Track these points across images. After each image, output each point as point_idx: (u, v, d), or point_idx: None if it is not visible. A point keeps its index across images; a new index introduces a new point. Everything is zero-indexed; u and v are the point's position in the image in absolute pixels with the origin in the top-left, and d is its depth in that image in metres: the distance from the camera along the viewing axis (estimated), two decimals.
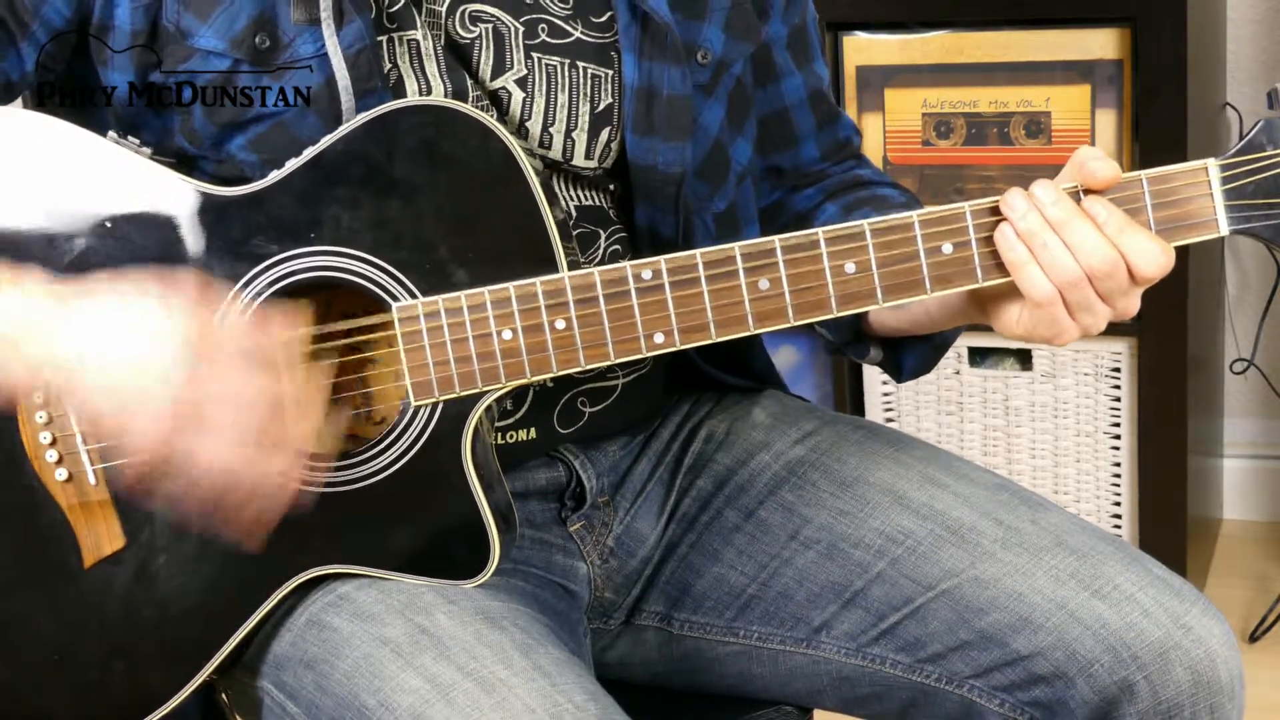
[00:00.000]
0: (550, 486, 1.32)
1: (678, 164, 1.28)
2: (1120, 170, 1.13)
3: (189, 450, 1.09)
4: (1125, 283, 1.12)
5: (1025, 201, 1.12)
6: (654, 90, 1.26)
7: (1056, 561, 1.23)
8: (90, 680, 1.20)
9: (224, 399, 1.08)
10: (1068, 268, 1.11)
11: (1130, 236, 1.11)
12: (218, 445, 1.09)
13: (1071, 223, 1.11)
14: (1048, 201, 1.12)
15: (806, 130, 1.42)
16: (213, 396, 1.08)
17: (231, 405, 1.08)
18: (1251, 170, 1.13)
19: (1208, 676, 1.18)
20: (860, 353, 1.37)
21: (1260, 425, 2.81)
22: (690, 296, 1.15)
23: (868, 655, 1.29)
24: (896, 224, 1.14)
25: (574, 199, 1.28)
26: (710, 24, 1.30)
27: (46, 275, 1.15)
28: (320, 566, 1.19)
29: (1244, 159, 1.13)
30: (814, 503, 1.32)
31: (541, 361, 1.15)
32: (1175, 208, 1.13)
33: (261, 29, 1.18)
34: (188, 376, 1.09)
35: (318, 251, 1.16)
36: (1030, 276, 1.12)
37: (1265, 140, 1.13)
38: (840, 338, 1.37)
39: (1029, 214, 1.12)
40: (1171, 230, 1.13)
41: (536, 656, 1.13)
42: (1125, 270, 1.11)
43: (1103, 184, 1.12)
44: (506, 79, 1.24)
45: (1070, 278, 1.11)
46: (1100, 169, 1.12)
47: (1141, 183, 1.13)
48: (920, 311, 1.28)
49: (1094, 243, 1.11)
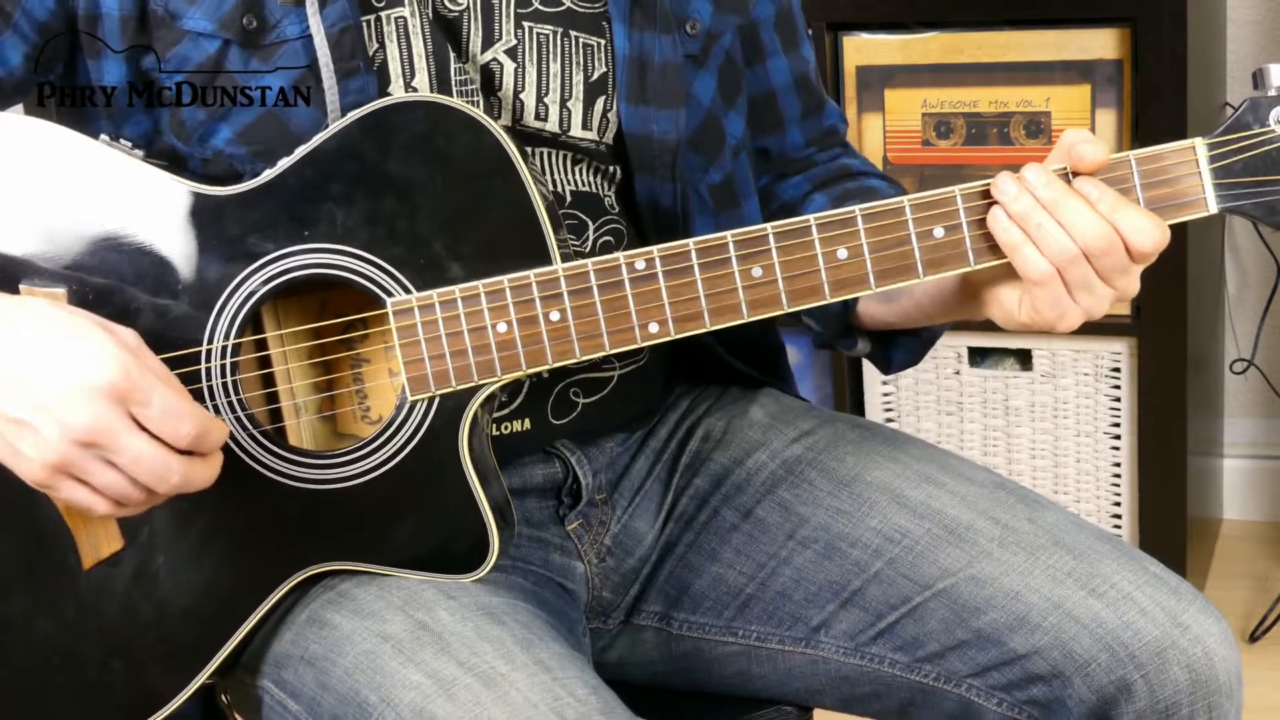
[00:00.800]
0: (547, 484, 1.32)
1: (673, 132, 1.28)
2: (1109, 152, 1.13)
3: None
4: (1124, 260, 1.12)
5: (1016, 184, 1.12)
6: (645, 59, 1.27)
7: (1054, 560, 1.23)
8: (90, 682, 1.20)
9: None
10: (1064, 246, 1.11)
11: (1124, 213, 1.11)
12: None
13: (1064, 202, 1.11)
14: (1039, 183, 1.12)
15: (792, 114, 1.43)
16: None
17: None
18: (1239, 149, 1.14)
19: (1205, 675, 1.18)
20: (848, 345, 1.38)
21: (1260, 425, 2.81)
22: (684, 285, 1.15)
23: (866, 654, 1.29)
24: (888, 209, 1.14)
25: (571, 183, 1.28)
26: None
27: (42, 279, 1.16)
28: (320, 564, 1.19)
29: (1231, 138, 1.14)
30: (811, 502, 1.32)
31: (537, 353, 1.16)
32: (1164, 187, 1.14)
33: (249, 10, 1.19)
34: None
35: (312, 249, 1.16)
36: (1027, 257, 1.12)
37: (1252, 119, 1.14)
38: (830, 330, 1.37)
39: (1020, 196, 1.12)
40: (1161, 210, 1.14)
41: (537, 651, 1.13)
42: (1122, 247, 1.12)
43: (1091, 166, 1.13)
44: (496, 50, 1.24)
45: (1068, 255, 1.11)
46: (1089, 151, 1.12)
47: (1130, 163, 1.14)
48: (912, 305, 1.28)
49: (1088, 220, 1.11)
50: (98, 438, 1.06)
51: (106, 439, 1.06)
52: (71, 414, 1.05)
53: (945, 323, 1.32)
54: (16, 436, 1.07)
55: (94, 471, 1.08)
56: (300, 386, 1.21)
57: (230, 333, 1.16)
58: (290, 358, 1.20)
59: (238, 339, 1.17)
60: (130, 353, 1.08)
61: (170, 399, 1.08)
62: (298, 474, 1.18)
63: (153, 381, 1.08)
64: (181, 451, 1.09)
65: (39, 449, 1.07)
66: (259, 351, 1.20)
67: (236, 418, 1.17)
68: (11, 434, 1.07)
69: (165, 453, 1.08)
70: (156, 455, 1.07)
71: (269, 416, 1.20)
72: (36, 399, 1.06)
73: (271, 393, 1.20)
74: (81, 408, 1.05)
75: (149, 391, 1.07)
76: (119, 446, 1.07)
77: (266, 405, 1.20)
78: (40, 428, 1.06)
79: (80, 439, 1.06)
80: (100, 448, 1.06)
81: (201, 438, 1.09)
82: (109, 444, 1.06)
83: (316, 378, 1.22)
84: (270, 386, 1.20)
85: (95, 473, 1.08)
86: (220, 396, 1.17)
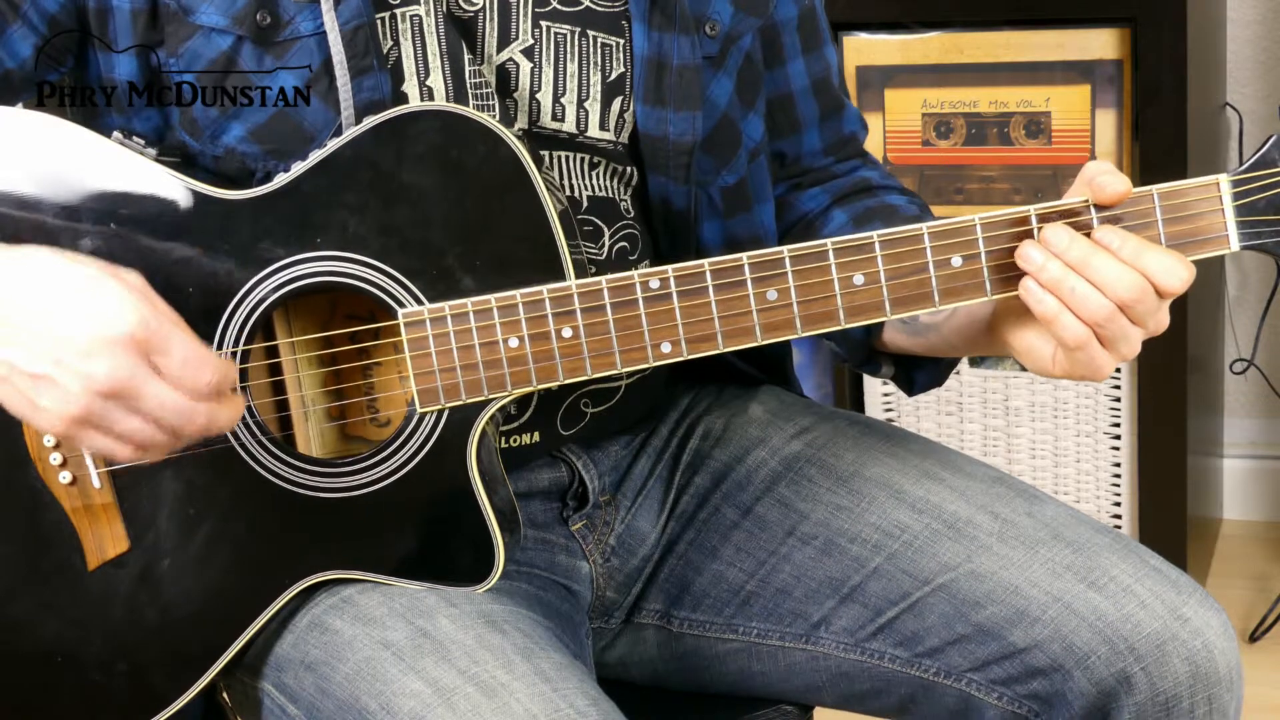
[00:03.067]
0: (553, 487, 1.32)
1: (688, 134, 1.27)
2: (1130, 184, 1.12)
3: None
4: (1155, 302, 1.12)
5: (1042, 251, 1.11)
6: (664, 60, 1.26)
7: (1053, 554, 1.23)
8: (94, 682, 1.20)
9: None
10: (1100, 305, 1.11)
11: (1149, 257, 1.11)
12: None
13: (1091, 261, 1.10)
14: (1063, 245, 1.11)
15: (810, 118, 1.42)
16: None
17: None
18: (1263, 186, 1.13)
19: (1205, 668, 1.18)
20: (872, 370, 1.38)
21: (1260, 425, 2.81)
22: (698, 306, 1.14)
23: (866, 650, 1.29)
24: (906, 236, 1.13)
25: (587, 188, 1.28)
26: None
27: None
28: (324, 572, 1.19)
29: (1256, 174, 1.13)
30: (811, 498, 1.32)
31: (548, 370, 1.15)
32: (1186, 223, 1.13)
33: (263, 6, 1.18)
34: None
35: (324, 257, 1.15)
36: (1065, 325, 1.11)
37: (1277, 155, 1.13)
38: (853, 356, 1.37)
39: (1049, 262, 1.11)
40: (1182, 246, 1.13)
41: (538, 660, 1.13)
42: (1153, 291, 1.11)
43: (1113, 198, 1.12)
44: (513, 49, 1.24)
45: (1104, 315, 1.11)
46: (1111, 183, 1.12)
47: (1153, 198, 1.13)
48: (939, 340, 1.28)
49: (1117, 272, 1.10)
50: (121, 387, 1.05)
51: (130, 388, 1.05)
52: (93, 366, 1.04)
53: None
54: (35, 391, 1.05)
55: (117, 420, 1.06)
56: (310, 390, 1.20)
57: (240, 339, 1.16)
58: (301, 365, 1.20)
59: (247, 345, 1.17)
60: (146, 299, 1.07)
61: (190, 347, 1.07)
62: (305, 482, 1.18)
63: (170, 329, 1.06)
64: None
65: (60, 402, 1.05)
66: (269, 358, 1.20)
67: (246, 424, 1.17)
68: (29, 389, 1.06)
69: (188, 399, 1.07)
70: (181, 402, 1.06)
71: (278, 423, 1.20)
72: (56, 352, 1.04)
73: (281, 400, 1.20)
74: (102, 359, 1.04)
75: (168, 339, 1.06)
76: (143, 394, 1.05)
77: (276, 412, 1.20)
78: (61, 381, 1.04)
79: (103, 390, 1.04)
80: (124, 397, 1.05)
81: (221, 384, 1.08)
82: (132, 393, 1.05)
83: (326, 381, 1.22)
84: (280, 393, 1.20)
85: (119, 421, 1.06)
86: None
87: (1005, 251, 1.13)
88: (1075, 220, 1.13)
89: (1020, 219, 1.13)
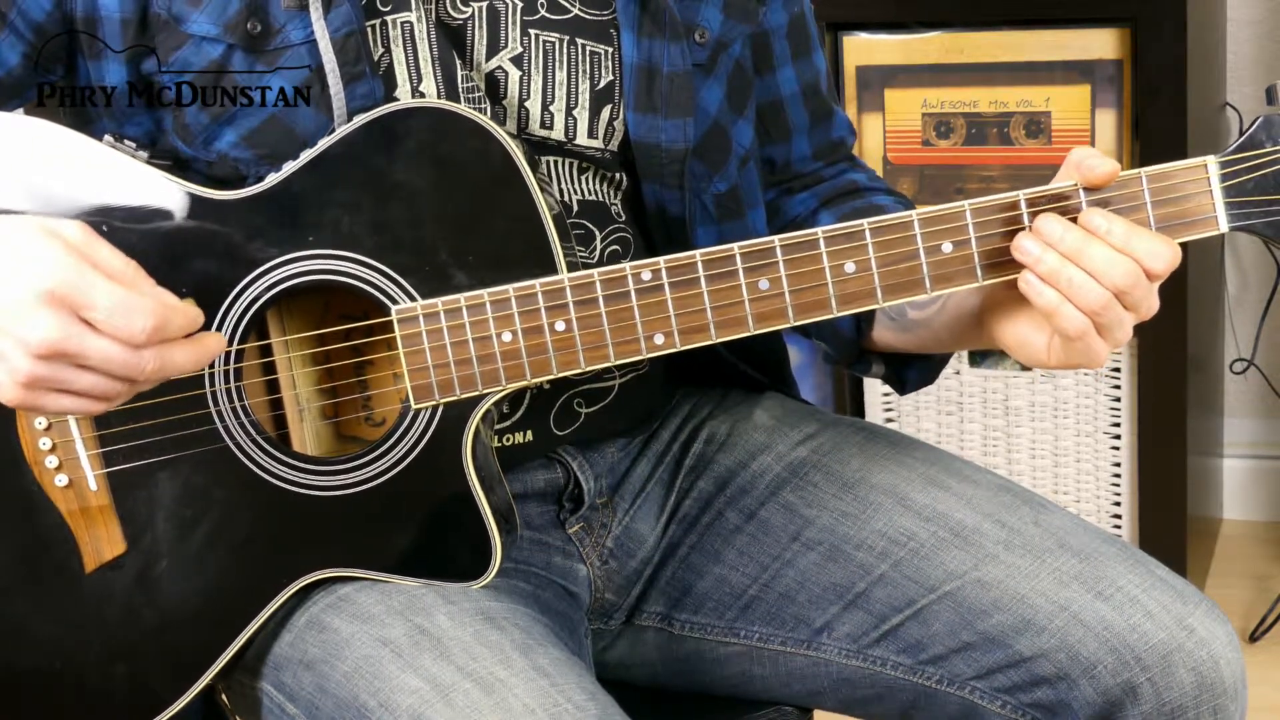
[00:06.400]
0: (548, 488, 1.32)
1: (681, 140, 1.27)
2: (1118, 165, 1.13)
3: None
4: (1146, 287, 1.12)
5: (1037, 243, 1.11)
6: (654, 68, 1.26)
7: (1059, 563, 1.23)
8: (92, 685, 1.20)
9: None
10: (1098, 294, 1.10)
11: (1137, 240, 1.11)
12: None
13: (1085, 249, 1.11)
14: (1057, 235, 1.11)
15: (800, 124, 1.42)
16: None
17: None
18: (1251, 167, 1.13)
19: (1211, 678, 1.18)
20: (862, 368, 1.38)
21: (1260, 425, 2.81)
22: (690, 297, 1.14)
23: (869, 657, 1.29)
24: (896, 223, 1.14)
25: (577, 192, 1.28)
26: (708, 4, 1.30)
27: None
28: (322, 570, 1.19)
29: (1243, 155, 1.13)
30: (816, 504, 1.32)
31: (542, 363, 1.15)
32: (1174, 205, 1.13)
33: (253, 14, 1.18)
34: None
35: (317, 255, 1.15)
36: (1066, 316, 1.11)
37: (1265, 137, 1.13)
38: (843, 353, 1.37)
39: (1046, 253, 1.11)
40: (1171, 228, 1.13)
41: (536, 657, 1.13)
42: (1144, 276, 1.11)
43: (1101, 180, 1.12)
44: (502, 57, 1.24)
45: (1101, 303, 1.11)
46: (1098, 165, 1.12)
47: (1141, 180, 1.13)
48: (929, 337, 1.28)
49: (1110, 260, 1.10)
50: (59, 347, 1.02)
51: (69, 346, 1.02)
52: (26, 329, 1.01)
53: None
54: None
55: (70, 379, 1.04)
56: (304, 389, 1.21)
57: (234, 339, 1.16)
58: (295, 364, 1.20)
59: (241, 345, 1.17)
60: (71, 251, 1.03)
61: (116, 296, 1.03)
62: (301, 481, 1.18)
63: (93, 280, 1.02)
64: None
65: (7, 372, 1.03)
66: (263, 357, 1.20)
67: (240, 424, 1.17)
68: None
69: (127, 349, 1.03)
70: (121, 353, 1.03)
71: (272, 421, 1.20)
72: None
73: (276, 399, 1.20)
74: (32, 321, 1.01)
75: (89, 293, 1.02)
76: (84, 350, 1.02)
77: (270, 411, 1.20)
78: (3, 349, 1.03)
79: (42, 353, 1.02)
80: (67, 356, 1.02)
81: (160, 328, 1.04)
82: (73, 351, 1.02)
83: (320, 380, 1.22)
84: (275, 391, 1.20)
85: (71, 380, 1.04)
86: (224, 403, 1.17)
87: (995, 237, 1.14)
88: (1065, 205, 1.13)
89: (1010, 204, 1.13)
